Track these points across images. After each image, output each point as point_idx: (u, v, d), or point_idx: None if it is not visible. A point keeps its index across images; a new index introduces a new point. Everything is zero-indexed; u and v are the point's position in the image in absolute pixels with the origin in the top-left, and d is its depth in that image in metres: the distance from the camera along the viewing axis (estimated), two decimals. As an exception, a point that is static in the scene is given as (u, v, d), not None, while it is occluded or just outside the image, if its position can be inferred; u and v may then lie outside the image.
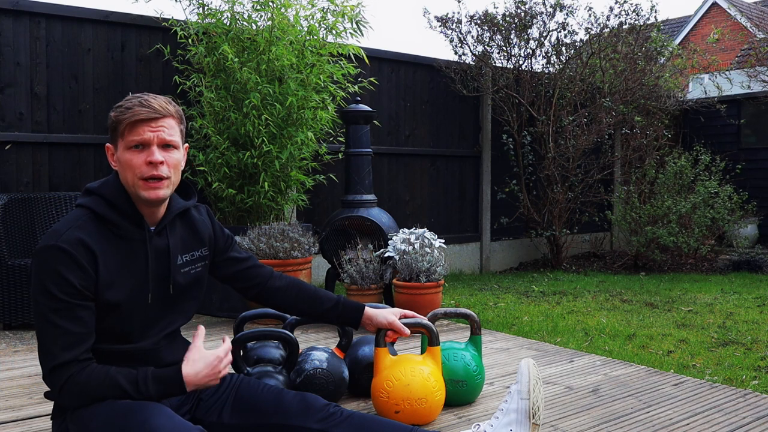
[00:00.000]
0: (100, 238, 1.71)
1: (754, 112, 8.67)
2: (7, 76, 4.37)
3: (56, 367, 1.63)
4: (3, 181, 4.36)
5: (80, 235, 1.67)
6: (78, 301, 1.65)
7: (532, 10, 6.88)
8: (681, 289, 5.75)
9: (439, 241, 4.06)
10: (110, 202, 1.74)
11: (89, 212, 1.73)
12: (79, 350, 1.65)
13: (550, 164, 6.91)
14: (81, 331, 1.65)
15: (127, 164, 1.71)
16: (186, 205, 1.88)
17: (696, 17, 18.52)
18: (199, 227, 1.93)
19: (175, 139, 1.76)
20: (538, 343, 3.65)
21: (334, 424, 1.79)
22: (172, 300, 1.84)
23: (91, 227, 1.70)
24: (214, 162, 4.49)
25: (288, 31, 4.52)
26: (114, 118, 1.73)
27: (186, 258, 1.88)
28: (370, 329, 2.17)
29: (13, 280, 3.92)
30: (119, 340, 1.77)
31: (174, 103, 1.79)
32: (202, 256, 1.93)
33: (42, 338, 1.65)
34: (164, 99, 1.76)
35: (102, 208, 1.73)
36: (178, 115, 1.78)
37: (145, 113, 1.70)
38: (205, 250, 1.94)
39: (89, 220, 1.72)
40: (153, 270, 1.78)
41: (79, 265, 1.65)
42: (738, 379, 3.09)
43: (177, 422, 1.60)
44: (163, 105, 1.74)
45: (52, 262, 1.64)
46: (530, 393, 2.07)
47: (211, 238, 1.96)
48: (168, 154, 1.74)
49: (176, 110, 1.78)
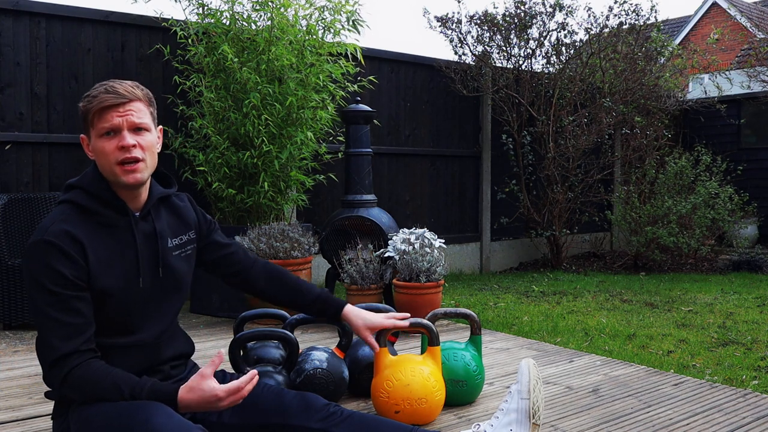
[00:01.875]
0: (86, 229, 1.72)
1: (754, 112, 8.67)
2: (7, 76, 4.37)
3: (57, 359, 1.64)
4: (3, 181, 4.36)
5: (66, 227, 1.68)
6: (72, 292, 1.66)
7: (532, 10, 6.88)
8: (681, 289, 5.74)
9: (439, 241, 4.06)
10: (91, 193, 1.75)
11: (72, 205, 1.74)
12: (78, 341, 1.65)
13: (550, 164, 6.91)
14: (78, 322, 1.66)
15: (101, 151, 1.72)
16: (168, 192, 1.90)
17: (696, 17, 18.52)
18: (183, 212, 1.95)
19: (145, 121, 1.76)
20: (538, 343, 3.65)
21: (335, 423, 1.79)
22: (163, 285, 1.84)
23: (75, 219, 1.72)
24: (214, 162, 4.49)
25: (287, 30, 4.52)
26: (83, 108, 1.74)
27: (176, 242, 1.89)
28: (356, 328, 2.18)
29: (13, 280, 3.92)
30: (119, 331, 1.77)
31: (142, 87, 1.79)
32: (191, 239, 1.95)
33: (41, 333, 1.66)
34: (131, 83, 1.76)
35: (84, 199, 1.74)
36: (146, 98, 1.78)
37: (111, 99, 1.71)
38: (192, 233, 1.96)
39: (73, 213, 1.73)
40: (142, 253, 1.79)
41: (67, 256, 1.66)
42: (738, 379, 3.09)
43: (177, 421, 1.60)
44: (129, 89, 1.74)
45: (42, 257, 1.65)
46: (530, 393, 2.07)
47: (196, 222, 1.99)
48: (140, 137, 1.74)
49: (144, 93, 1.78)
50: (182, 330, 2.00)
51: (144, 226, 1.81)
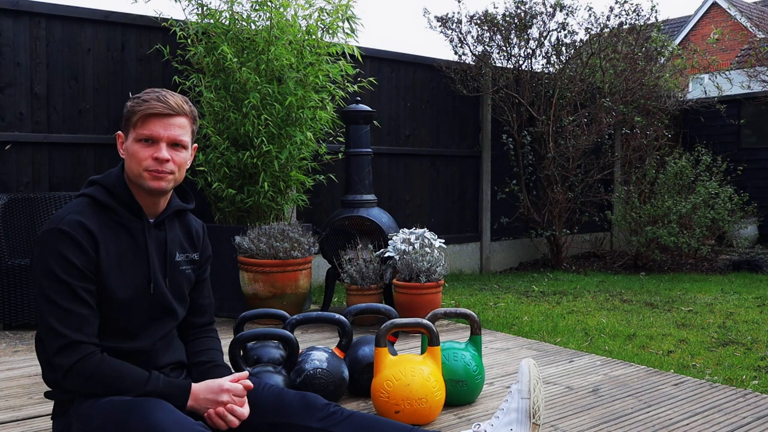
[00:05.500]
0: (101, 224, 1.73)
1: (754, 112, 8.66)
2: (7, 76, 4.37)
3: (65, 346, 1.64)
4: (3, 181, 4.36)
5: (81, 219, 1.70)
6: (80, 282, 1.67)
7: (532, 10, 6.88)
8: (681, 289, 5.74)
9: (439, 241, 4.06)
10: (111, 191, 1.77)
11: (90, 199, 1.76)
12: (87, 331, 1.66)
13: (550, 164, 6.91)
14: (86, 313, 1.67)
15: (134, 155, 1.74)
16: (185, 207, 1.91)
17: (696, 17, 18.52)
18: (194, 234, 1.96)
19: (185, 138, 1.78)
20: (538, 343, 3.65)
21: (335, 423, 1.79)
22: (167, 295, 1.85)
23: (91, 213, 1.73)
24: (214, 162, 4.49)
25: (287, 30, 4.52)
26: (129, 108, 1.75)
27: (182, 257, 1.90)
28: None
29: (13, 280, 3.92)
30: (120, 335, 1.77)
31: (190, 103, 1.82)
32: (194, 260, 1.96)
33: (47, 321, 1.65)
34: (181, 98, 1.79)
35: (103, 196, 1.76)
36: (192, 115, 1.81)
37: (160, 108, 1.73)
38: (196, 255, 1.96)
39: (90, 207, 1.74)
40: (153, 259, 1.80)
41: (79, 245, 1.67)
42: (738, 379, 3.09)
43: (177, 417, 1.61)
44: (179, 103, 1.77)
45: (54, 244, 1.66)
46: (531, 393, 2.07)
47: (201, 249, 1.99)
48: (175, 153, 1.76)
49: (191, 110, 1.81)
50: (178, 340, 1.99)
51: (156, 234, 1.83)
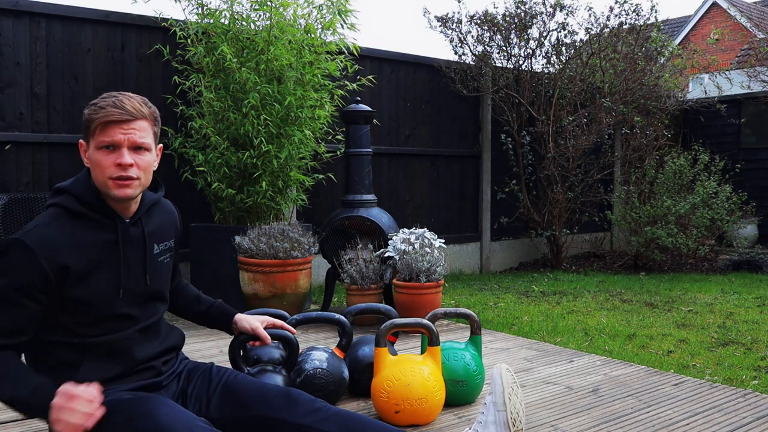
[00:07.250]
0: (72, 235, 1.70)
1: (754, 112, 8.67)
2: (7, 76, 4.37)
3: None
4: (3, 181, 4.35)
5: (49, 234, 1.67)
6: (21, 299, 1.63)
7: (532, 10, 6.88)
8: (681, 289, 5.74)
9: (439, 241, 4.06)
10: (81, 199, 1.74)
11: (61, 209, 1.73)
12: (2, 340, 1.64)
13: (550, 164, 6.91)
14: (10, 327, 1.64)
15: (97, 164, 1.71)
16: (157, 198, 1.90)
17: (696, 17, 18.53)
18: (169, 217, 1.96)
19: (147, 141, 1.74)
20: (538, 343, 3.65)
21: (321, 419, 1.78)
22: (149, 291, 1.84)
23: (63, 224, 1.70)
24: (214, 162, 4.49)
25: (286, 30, 4.52)
26: (87, 116, 1.72)
27: (161, 247, 1.90)
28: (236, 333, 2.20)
29: (13, 280, 3.92)
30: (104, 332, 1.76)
31: (149, 104, 1.78)
32: (171, 247, 1.96)
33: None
34: (139, 100, 1.75)
35: (74, 205, 1.73)
36: (152, 117, 1.77)
37: (117, 114, 1.69)
38: (173, 241, 1.97)
39: (61, 218, 1.72)
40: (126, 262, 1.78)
41: (36, 264, 1.64)
42: (738, 379, 3.09)
43: (180, 413, 1.61)
44: (137, 107, 1.72)
45: (11, 255, 1.64)
46: (506, 404, 2.03)
47: (177, 230, 2.00)
48: (139, 156, 1.73)
49: (150, 112, 1.77)
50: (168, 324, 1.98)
51: (134, 231, 1.81)
